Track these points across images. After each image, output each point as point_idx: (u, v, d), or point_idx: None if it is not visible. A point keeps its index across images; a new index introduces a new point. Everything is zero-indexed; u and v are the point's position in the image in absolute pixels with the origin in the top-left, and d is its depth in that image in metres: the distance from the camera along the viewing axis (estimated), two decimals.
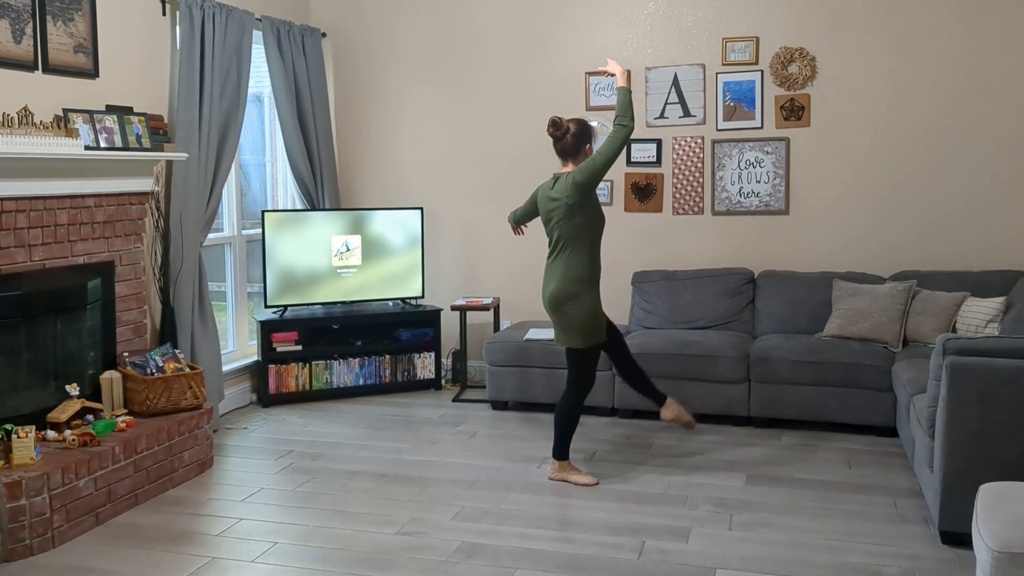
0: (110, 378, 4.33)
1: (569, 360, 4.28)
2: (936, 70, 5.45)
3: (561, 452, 4.34)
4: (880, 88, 5.54)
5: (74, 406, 4.12)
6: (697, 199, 5.90)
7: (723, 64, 5.77)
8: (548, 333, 5.56)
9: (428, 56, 6.35)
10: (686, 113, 5.87)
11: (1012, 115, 5.35)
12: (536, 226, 6.26)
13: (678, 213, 5.94)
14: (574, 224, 4.15)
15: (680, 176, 5.91)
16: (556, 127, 4.21)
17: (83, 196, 4.27)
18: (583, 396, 4.30)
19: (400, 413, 5.60)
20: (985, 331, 4.80)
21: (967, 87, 5.41)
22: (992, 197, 5.42)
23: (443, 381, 6.30)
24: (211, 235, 5.47)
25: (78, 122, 4.24)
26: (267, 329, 5.78)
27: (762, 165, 5.75)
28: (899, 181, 5.56)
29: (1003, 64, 5.34)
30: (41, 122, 4.03)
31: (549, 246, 4.26)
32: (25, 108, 3.96)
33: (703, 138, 5.85)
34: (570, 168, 4.24)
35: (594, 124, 5.98)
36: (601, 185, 6.03)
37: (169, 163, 4.99)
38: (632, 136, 5.92)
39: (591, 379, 4.30)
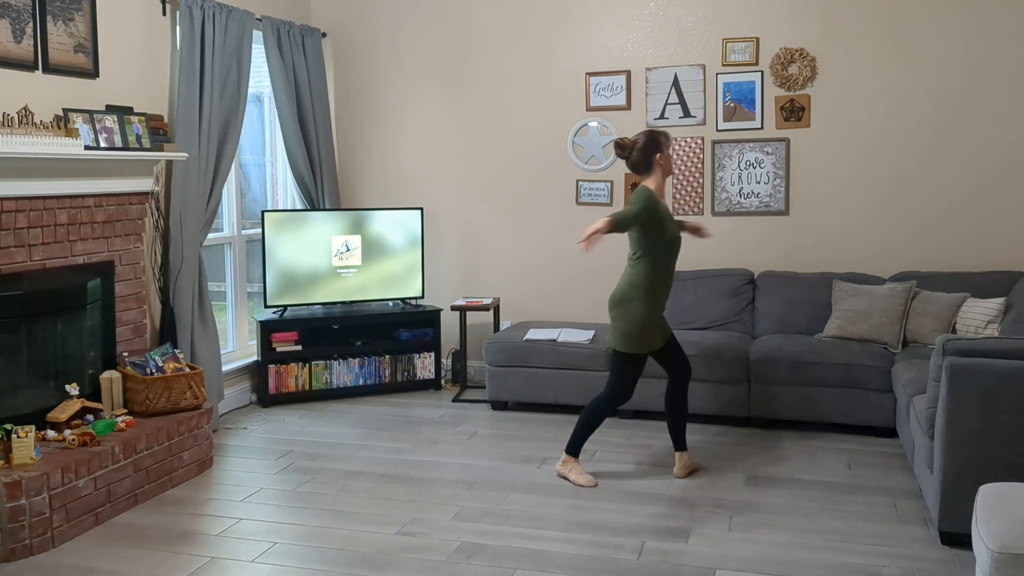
0: (110, 378, 4.33)
1: (611, 362, 4.29)
2: (936, 71, 5.45)
3: (574, 448, 4.36)
4: (880, 89, 5.54)
5: (74, 406, 4.12)
6: (697, 199, 5.90)
7: (723, 65, 5.77)
8: (548, 333, 5.56)
9: (428, 56, 6.35)
10: (686, 114, 5.87)
11: (1012, 116, 5.35)
12: (532, 228, 6.29)
13: (678, 213, 5.94)
14: (636, 237, 4.17)
15: (680, 176, 5.91)
16: (621, 148, 4.25)
17: (83, 196, 4.27)
18: (615, 403, 4.27)
19: (400, 413, 5.60)
20: (985, 332, 4.80)
21: (967, 88, 5.41)
22: (992, 198, 5.42)
23: (443, 381, 6.30)
24: (211, 235, 5.47)
25: (78, 122, 4.24)
26: (267, 329, 5.77)
27: (762, 166, 5.75)
28: (899, 182, 5.56)
29: (1003, 65, 5.34)
30: (41, 122, 4.03)
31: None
32: (25, 108, 3.95)
33: (703, 139, 5.85)
34: (649, 183, 4.22)
35: (594, 124, 6.02)
36: (601, 185, 6.04)
37: (169, 163, 4.99)
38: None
39: (627, 388, 4.25)
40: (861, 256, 5.65)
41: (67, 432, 3.95)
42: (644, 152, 4.20)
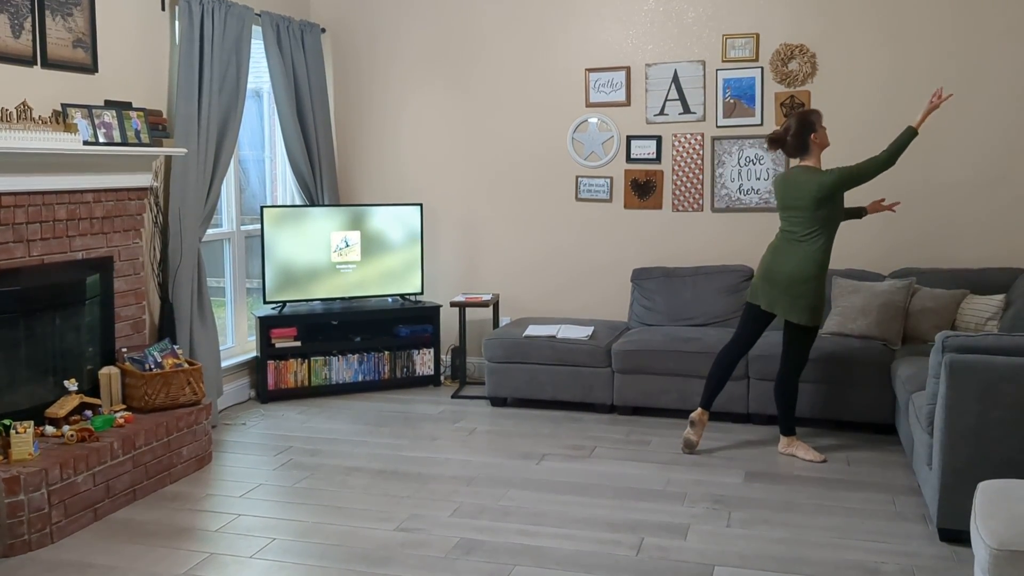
0: (108, 374, 4.33)
1: (791, 336, 4.47)
2: (935, 67, 5.44)
3: (787, 428, 4.61)
4: (880, 85, 5.54)
5: (72, 402, 4.12)
6: (697, 196, 5.89)
7: (723, 61, 5.76)
8: (547, 329, 5.55)
9: (428, 52, 6.34)
10: (686, 110, 5.86)
11: (1012, 112, 5.34)
12: (532, 224, 6.28)
13: (678, 210, 5.94)
14: (819, 216, 4.35)
15: (680, 173, 5.91)
16: (775, 142, 4.52)
17: (82, 191, 4.26)
18: (798, 372, 4.54)
19: (399, 409, 5.60)
20: (984, 328, 4.80)
21: (967, 84, 5.40)
22: (992, 195, 5.42)
23: (442, 377, 6.30)
24: (210, 231, 5.46)
25: (77, 117, 4.23)
26: (266, 325, 5.77)
27: (762, 162, 5.74)
28: (898, 178, 5.55)
29: (1002, 61, 5.33)
30: (40, 117, 4.02)
31: (785, 228, 4.46)
32: (24, 103, 3.94)
33: (703, 135, 5.84)
34: (809, 163, 4.46)
35: (593, 120, 6.00)
36: (600, 181, 6.04)
37: (168, 158, 4.98)
38: (633, 134, 5.96)
39: (806, 357, 4.53)
40: (861, 252, 5.65)
41: (66, 428, 3.95)
42: (798, 136, 4.44)
